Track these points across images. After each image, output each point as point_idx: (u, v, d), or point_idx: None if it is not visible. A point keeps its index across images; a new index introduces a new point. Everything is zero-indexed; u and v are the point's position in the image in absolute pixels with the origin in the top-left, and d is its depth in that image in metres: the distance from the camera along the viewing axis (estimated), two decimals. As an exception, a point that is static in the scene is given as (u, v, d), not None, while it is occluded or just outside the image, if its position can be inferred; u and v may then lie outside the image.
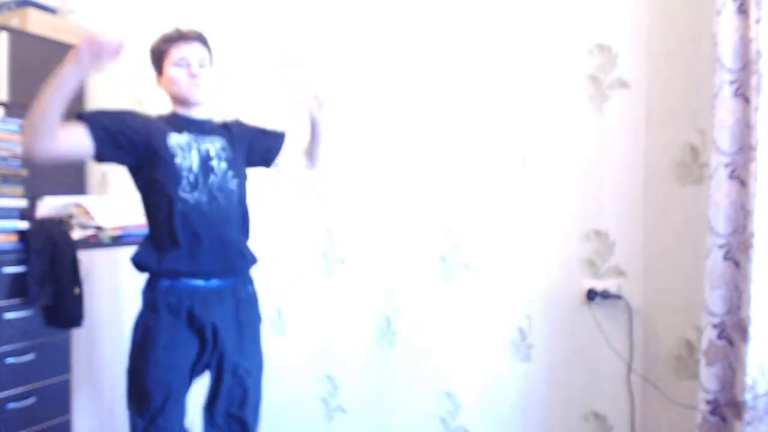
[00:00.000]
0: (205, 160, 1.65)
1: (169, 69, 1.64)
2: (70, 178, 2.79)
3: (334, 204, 2.34)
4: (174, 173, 1.60)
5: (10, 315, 2.17)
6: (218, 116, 1.82)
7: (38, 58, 2.62)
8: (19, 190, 2.20)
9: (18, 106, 2.46)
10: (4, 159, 2.16)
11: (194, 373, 1.67)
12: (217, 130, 1.74)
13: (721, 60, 1.55)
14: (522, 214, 2.03)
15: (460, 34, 2.11)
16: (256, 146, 1.84)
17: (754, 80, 1.49)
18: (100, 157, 1.57)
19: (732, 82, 1.55)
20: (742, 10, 1.53)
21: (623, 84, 1.88)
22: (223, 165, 1.68)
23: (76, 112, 1.50)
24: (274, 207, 2.44)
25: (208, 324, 1.63)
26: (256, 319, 1.79)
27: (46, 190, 2.41)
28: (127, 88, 2.78)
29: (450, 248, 2.14)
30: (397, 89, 2.22)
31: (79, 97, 2.81)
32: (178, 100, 1.68)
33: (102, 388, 2.73)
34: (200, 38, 1.69)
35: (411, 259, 2.21)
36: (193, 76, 1.63)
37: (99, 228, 2.30)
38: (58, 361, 2.38)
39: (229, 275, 1.69)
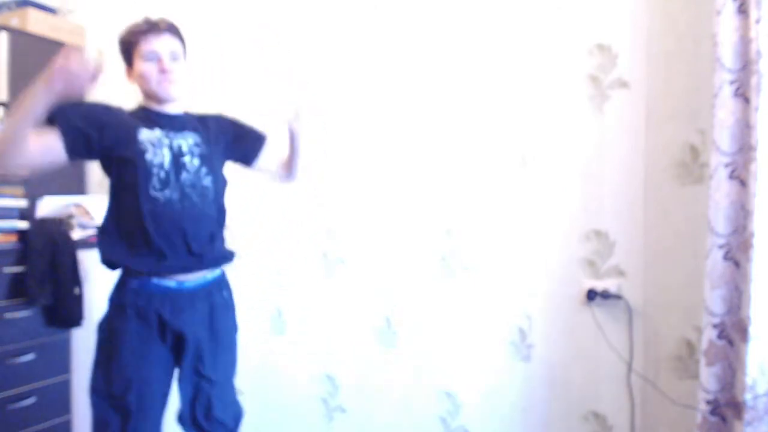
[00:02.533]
0: (177, 156, 1.57)
1: (139, 63, 1.55)
2: (70, 178, 2.79)
3: (334, 204, 2.34)
4: (144, 170, 1.52)
5: (10, 315, 2.17)
6: (196, 109, 1.75)
7: (38, 58, 2.61)
8: (19, 190, 2.20)
9: (18, 106, 2.47)
10: (4, 159, 2.16)
11: (168, 379, 1.60)
12: (192, 124, 1.66)
13: (721, 60, 1.55)
14: (522, 214, 2.03)
15: (460, 35, 2.11)
16: (236, 143, 1.77)
17: (754, 80, 1.49)
18: (72, 159, 1.50)
19: (732, 82, 1.55)
20: (742, 10, 1.53)
21: (623, 84, 1.88)
22: (196, 161, 1.60)
23: (48, 113, 1.39)
24: (274, 207, 2.44)
25: (177, 330, 1.56)
26: (231, 326, 1.72)
27: (46, 190, 2.41)
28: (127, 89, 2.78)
29: (450, 248, 2.14)
30: (397, 89, 2.22)
31: (79, 96, 2.82)
32: (150, 96, 1.59)
33: (102, 388, 2.72)
34: (171, 29, 1.60)
35: (411, 259, 2.21)
36: (164, 71, 1.54)
37: (99, 228, 2.30)
38: (58, 361, 2.38)
39: (201, 274, 1.61)
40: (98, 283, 2.57)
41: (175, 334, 1.57)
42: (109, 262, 1.59)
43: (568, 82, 1.95)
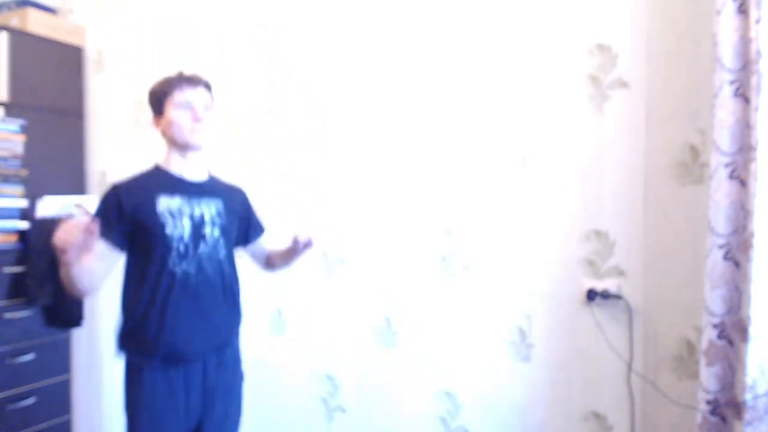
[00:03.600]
0: (198, 226, 1.59)
1: (171, 111, 1.59)
2: (70, 178, 2.79)
3: (334, 204, 2.34)
4: (164, 244, 1.54)
5: (10, 315, 2.17)
6: (222, 177, 1.80)
7: (38, 58, 2.62)
8: (19, 190, 2.21)
9: (18, 106, 2.47)
10: (4, 159, 2.16)
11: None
12: (217, 190, 1.69)
13: (721, 60, 1.55)
14: (522, 214, 2.03)
15: (460, 35, 2.11)
16: (243, 222, 1.81)
17: (754, 80, 1.49)
18: (123, 249, 1.57)
19: (732, 82, 1.55)
20: (742, 10, 1.53)
21: (623, 84, 1.88)
22: (216, 233, 1.62)
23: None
24: (274, 207, 2.44)
25: (196, 397, 1.59)
26: (238, 379, 1.75)
27: (46, 190, 2.41)
28: (126, 88, 2.78)
29: (450, 248, 2.14)
30: (397, 89, 2.22)
31: (78, 97, 2.82)
32: (177, 143, 1.62)
33: (102, 388, 2.73)
34: (205, 83, 1.65)
35: (411, 259, 2.21)
36: (197, 120, 1.58)
37: (99, 228, 2.29)
38: (58, 361, 2.38)
39: (212, 343, 1.63)
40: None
41: (192, 392, 1.59)
42: (123, 351, 1.60)
43: (568, 82, 1.95)
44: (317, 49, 2.36)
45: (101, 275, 1.53)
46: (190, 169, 1.65)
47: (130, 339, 1.58)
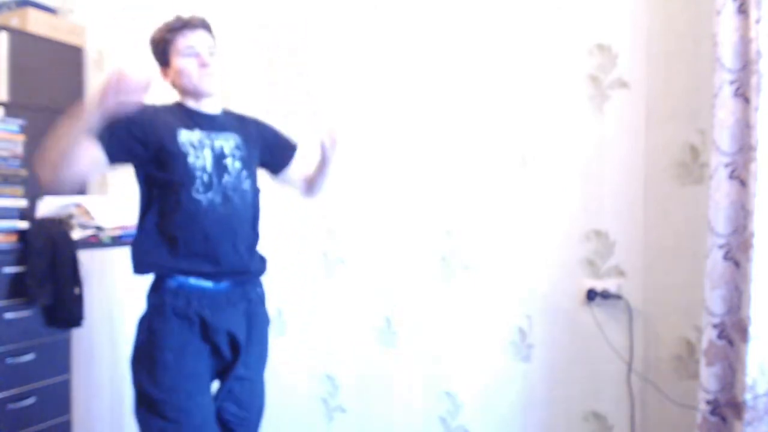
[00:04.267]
0: (219, 158, 1.56)
1: (177, 60, 1.54)
2: (70, 178, 2.78)
3: (334, 204, 2.34)
4: (187, 173, 1.50)
5: (10, 315, 2.16)
6: (234, 109, 1.74)
7: (38, 58, 2.62)
8: (19, 190, 2.20)
9: (18, 106, 2.46)
10: (4, 159, 2.16)
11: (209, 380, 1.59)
12: (232, 124, 1.65)
13: (721, 60, 1.55)
14: (522, 214, 2.03)
15: (459, 35, 2.11)
16: (271, 149, 1.75)
17: (754, 80, 1.49)
18: (114, 166, 1.49)
19: (732, 82, 1.55)
20: (742, 10, 1.53)
21: (623, 84, 1.88)
22: (238, 164, 1.59)
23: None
24: (275, 206, 2.44)
25: (223, 331, 1.54)
26: (264, 320, 1.72)
27: (46, 190, 2.41)
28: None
29: (450, 248, 2.14)
30: (397, 89, 2.22)
31: (78, 97, 2.82)
32: (189, 92, 1.57)
33: (102, 388, 2.72)
34: (205, 25, 1.59)
35: (411, 259, 2.21)
36: (204, 65, 1.53)
37: (99, 228, 2.30)
38: (58, 361, 2.38)
39: (240, 278, 1.60)
40: (98, 283, 2.57)
41: (219, 335, 1.55)
42: (147, 266, 1.55)
43: (568, 82, 1.95)
44: (317, 49, 2.36)
45: (79, 171, 1.43)
46: (205, 107, 1.61)
47: (149, 263, 1.54)
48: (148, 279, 1.59)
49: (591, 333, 1.92)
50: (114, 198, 2.78)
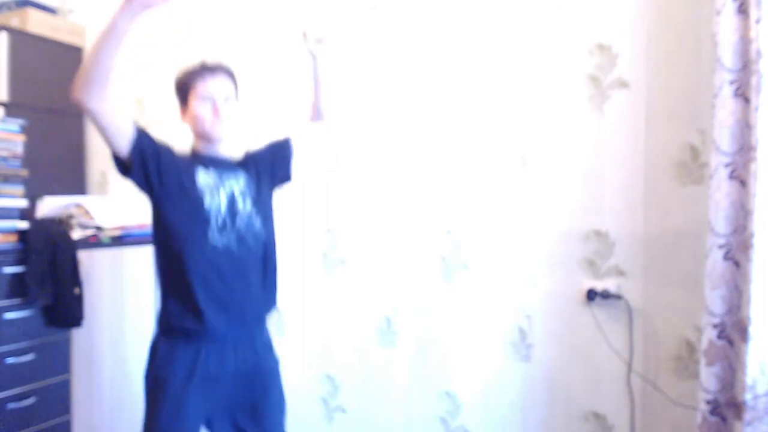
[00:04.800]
0: (232, 200, 1.58)
1: (194, 104, 1.58)
2: (70, 178, 2.79)
3: (334, 204, 2.34)
4: (203, 216, 1.52)
5: (10, 315, 2.16)
6: (234, 152, 1.75)
7: (38, 58, 2.62)
8: (19, 190, 2.20)
9: (18, 106, 2.46)
10: (4, 159, 2.16)
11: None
12: (238, 166, 1.68)
13: (721, 60, 1.55)
14: (522, 214, 2.03)
15: (459, 35, 2.11)
16: (275, 167, 1.75)
17: (754, 80, 1.49)
18: (131, 159, 1.49)
19: (732, 82, 1.55)
20: (742, 10, 1.53)
21: (623, 84, 1.88)
22: (248, 204, 1.61)
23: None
24: (275, 206, 2.43)
25: (226, 375, 1.56)
26: (274, 366, 1.72)
27: (46, 190, 2.41)
28: (127, 89, 2.78)
29: (450, 248, 2.14)
30: (397, 90, 2.22)
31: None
32: (201, 135, 1.62)
33: (102, 388, 2.73)
34: (226, 71, 1.63)
35: (411, 260, 2.21)
36: (217, 113, 1.57)
37: (99, 228, 2.30)
38: (58, 361, 2.38)
39: (252, 323, 1.62)
40: (98, 283, 2.57)
41: (221, 379, 1.56)
42: (174, 323, 1.56)
43: (568, 82, 1.95)
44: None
45: (107, 104, 1.41)
46: (218, 151, 1.65)
47: (174, 320, 1.55)
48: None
49: (591, 333, 1.92)
50: (114, 198, 2.78)
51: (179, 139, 1.66)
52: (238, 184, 1.62)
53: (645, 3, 1.85)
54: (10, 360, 2.17)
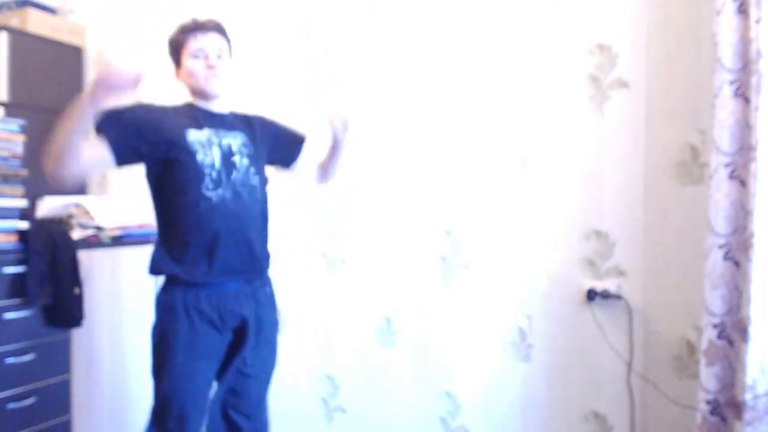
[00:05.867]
0: (227, 155, 1.60)
1: (187, 61, 1.59)
2: (70, 178, 2.78)
3: (334, 204, 2.34)
4: (196, 171, 1.54)
5: (10, 315, 2.17)
6: (240, 109, 1.76)
7: (38, 58, 2.62)
8: (19, 190, 2.20)
9: (18, 106, 2.46)
10: (4, 159, 2.16)
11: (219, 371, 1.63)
12: (239, 124, 1.69)
13: (721, 60, 1.55)
14: (522, 214, 2.03)
15: (459, 35, 2.11)
16: (278, 146, 1.79)
17: (754, 80, 1.49)
18: (122, 166, 1.53)
19: (732, 82, 1.55)
20: (742, 10, 1.53)
21: (623, 84, 1.88)
22: (245, 161, 1.63)
23: (95, 121, 1.43)
24: (275, 207, 2.43)
25: (236, 317, 1.58)
26: (274, 323, 1.74)
27: (46, 190, 2.41)
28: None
29: (450, 249, 2.14)
30: (396, 90, 2.22)
31: (78, 97, 2.82)
32: (197, 92, 1.62)
33: (102, 388, 2.73)
34: (218, 28, 1.63)
35: (411, 260, 2.21)
36: (210, 67, 1.58)
37: (99, 228, 2.30)
38: (58, 361, 2.38)
39: (249, 276, 1.64)
40: (98, 283, 2.57)
41: (230, 322, 1.59)
42: (161, 271, 1.59)
43: (568, 82, 1.95)
44: (317, 50, 2.36)
45: (83, 167, 1.46)
46: (214, 107, 1.66)
47: (168, 259, 1.57)
48: (157, 280, 1.61)
49: (591, 333, 1.93)
50: (114, 198, 2.78)
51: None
52: (235, 141, 1.63)
53: (645, 3, 1.85)
54: (10, 360, 2.18)
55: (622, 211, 1.89)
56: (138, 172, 1.64)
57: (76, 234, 2.28)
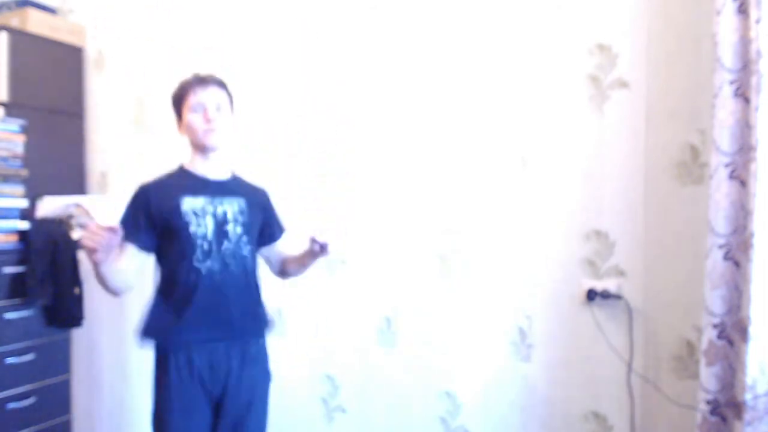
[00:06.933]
0: (221, 224, 1.62)
1: (187, 114, 1.63)
2: (70, 178, 2.79)
3: (335, 204, 2.34)
4: (189, 242, 1.58)
5: (10, 315, 2.17)
6: (246, 177, 1.80)
7: (38, 58, 2.62)
8: (19, 190, 2.21)
9: (18, 106, 2.47)
10: (4, 159, 2.16)
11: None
12: (239, 189, 1.72)
13: (721, 60, 1.55)
14: (522, 214, 2.03)
15: (459, 35, 2.11)
16: (265, 223, 1.80)
17: (754, 80, 1.49)
18: (153, 250, 1.63)
19: (732, 82, 1.55)
20: (742, 10, 1.53)
21: (623, 84, 1.88)
22: (239, 230, 1.65)
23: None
24: (275, 207, 2.44)
25: (218, 385, 1.62)
26: (263, 378, 1.76)
27: (46, 190, 2.41)
28: (127, 88, 2.78)
29: (450, 249, 2.14)
30: (396, 90, 2.22)
31: (78, 97, 2.82)
32: (196, 146, 1.66)
33: (102, 388, 2.73)
34: (218, 82, 1.67)
35: (411, 260, 2.21)
36: (208, 120, 1.61)
37: (99, 228, 2.29)
38: (58, 361, 2.38)
39: (236, 337, 1.66)
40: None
41: (215, 389, 1.62)
42: (152, 337, 1.63)
43: (568, 82, 1.95)
44: (317, 50, 2.36)
45: (132, 274, 1.59)
46: (213, 169, 1.68)
47: (155, 329, 1.63)
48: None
49: (591, 333, 1.93)
50: (114, 198, 2.78)
51: (178, 147, 1.68)
52: (231, 208, 1.66)
53: (645, 3, 1.85)
54: (10, 360, 2.18)
55: (622, 211, 1.89)
56: (138, 172, 1.64)
57: (76, 234, 2.28)
